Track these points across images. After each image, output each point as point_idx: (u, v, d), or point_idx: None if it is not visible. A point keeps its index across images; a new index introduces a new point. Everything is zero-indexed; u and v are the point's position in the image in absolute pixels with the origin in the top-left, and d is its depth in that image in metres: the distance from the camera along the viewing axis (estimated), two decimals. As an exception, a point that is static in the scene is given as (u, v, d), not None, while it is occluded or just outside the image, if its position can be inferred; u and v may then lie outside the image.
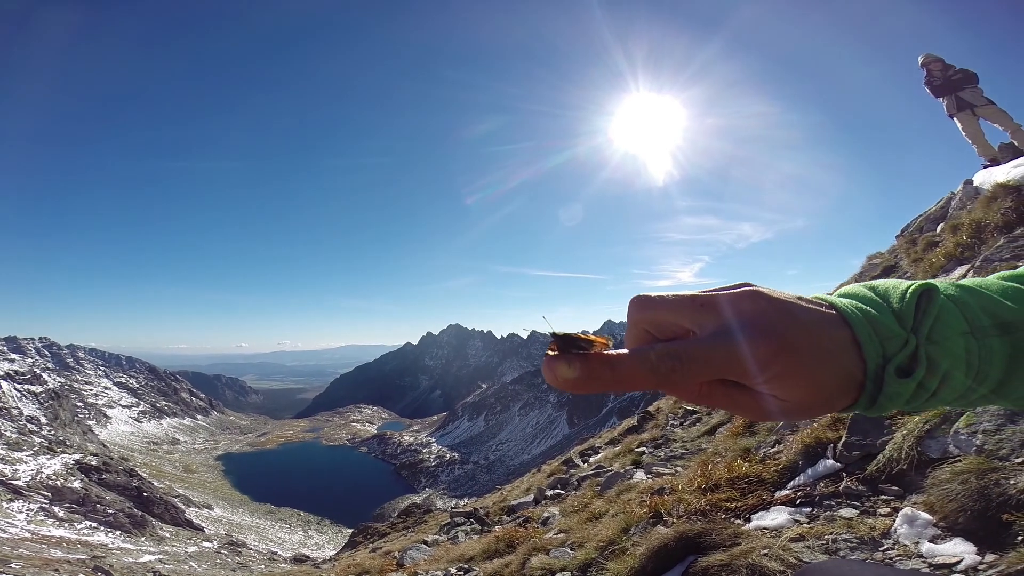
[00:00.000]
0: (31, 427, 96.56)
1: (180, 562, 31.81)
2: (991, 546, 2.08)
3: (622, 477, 5.80)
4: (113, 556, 30.61)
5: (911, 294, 0.53)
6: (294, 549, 63.97)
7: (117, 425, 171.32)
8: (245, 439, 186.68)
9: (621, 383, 0.51)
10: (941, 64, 8.04)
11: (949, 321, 0.52)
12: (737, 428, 5.22)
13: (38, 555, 24.87)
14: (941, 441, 2.72)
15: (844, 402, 0.52)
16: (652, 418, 9.93)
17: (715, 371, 0.51)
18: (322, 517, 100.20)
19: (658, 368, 0.51)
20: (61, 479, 50.73)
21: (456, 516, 8.59)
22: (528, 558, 4.11)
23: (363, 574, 6.66)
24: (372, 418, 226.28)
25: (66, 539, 35.36)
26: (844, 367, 0.52)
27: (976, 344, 0.52)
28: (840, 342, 0.52)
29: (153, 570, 25.36)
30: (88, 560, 25.02)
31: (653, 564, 2.83)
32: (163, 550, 39.31)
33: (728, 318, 0.52)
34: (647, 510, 3.65)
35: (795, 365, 0.51)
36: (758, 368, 0.51)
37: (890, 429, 3.14)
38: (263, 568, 30.06)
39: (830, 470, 3.18)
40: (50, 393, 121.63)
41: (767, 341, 0.51)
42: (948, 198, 8.04)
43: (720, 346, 0.51)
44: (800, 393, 0.51)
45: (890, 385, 0.52)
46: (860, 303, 0.53)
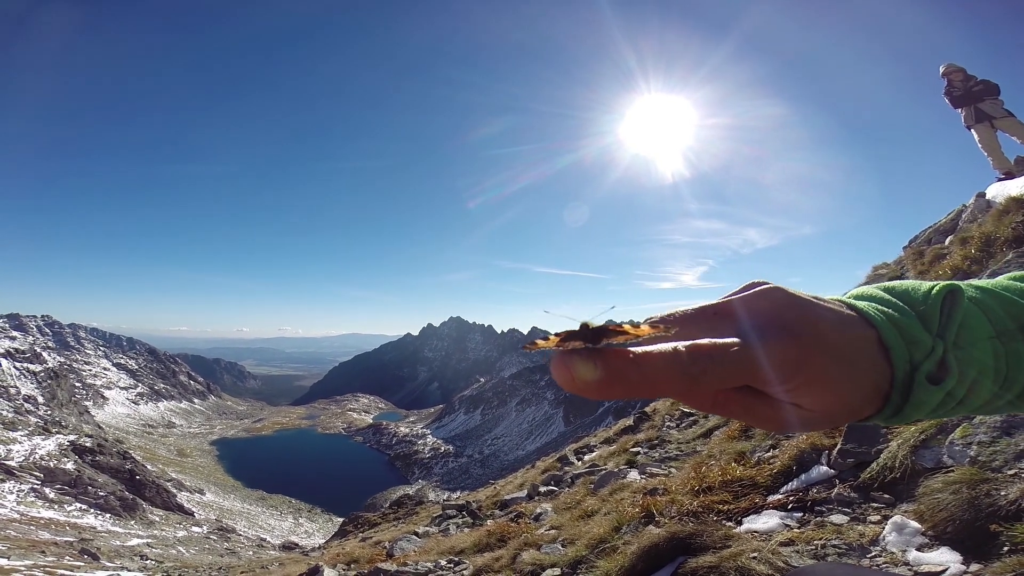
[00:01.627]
0: (28, 407, 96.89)
1: (168, 546, 31.93)
2: (977, 556, 2.10)
3: (616, 476, 5.81)
4: (101, 539, 30.72)
5: (935, 295, 0.49)
6: (284, 536, 64.12)
7: (114, 407, 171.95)
8: (241, 424, 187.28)
9: (647, 386, 0.45)
10: (963, 74, 7.92)
11: (975, 325, 0.49)
12: (733, 432, 5.23)
13: (25, 536, 24.93)
14: (936, 451, 2.74)
15: (868, 411, 0.47)
16: (648, 419, 9.95)
17: (746, 376, 0.46)
18: (313, 505, 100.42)
19: (690, 369, 0.45)
20: (54, 460, 50.77)
21: (448, 509, 8.63)
22: (519, 553, 4.13)
23: (352, 563, 6.68)
24: (369, 407, 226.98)
25: (55, 521, 35.43)
26: (871, 373, 0.47)
27: (1003, 349, 0.48)
28: (866, 345, 0.47)
29: (141, 554, 25.44)
30: (76, 542, 25.11)
31: (643, 564, 2.84)
32: (152, 534, 39.41)
33: (746, 320, 0.46)
34: (639, 510, 3.67)
35: (822, 368, 0.46)
36: (785, 373, 0.46)
37: (885, 438, 3.15)
38: (251, 555, 30.15)
39: (824, 476, 3.20)
40: (49, 373, 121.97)
41: (792, 340, 0.46)
42: (959, 210, 7.99)
43: (749, 348, 0.46)
44: (825, 402, 0.46)
45: (919, 394, 0.47)
46: (879, 305, 0.49)
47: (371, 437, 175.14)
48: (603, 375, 0.44)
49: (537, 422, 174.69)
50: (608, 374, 0.44)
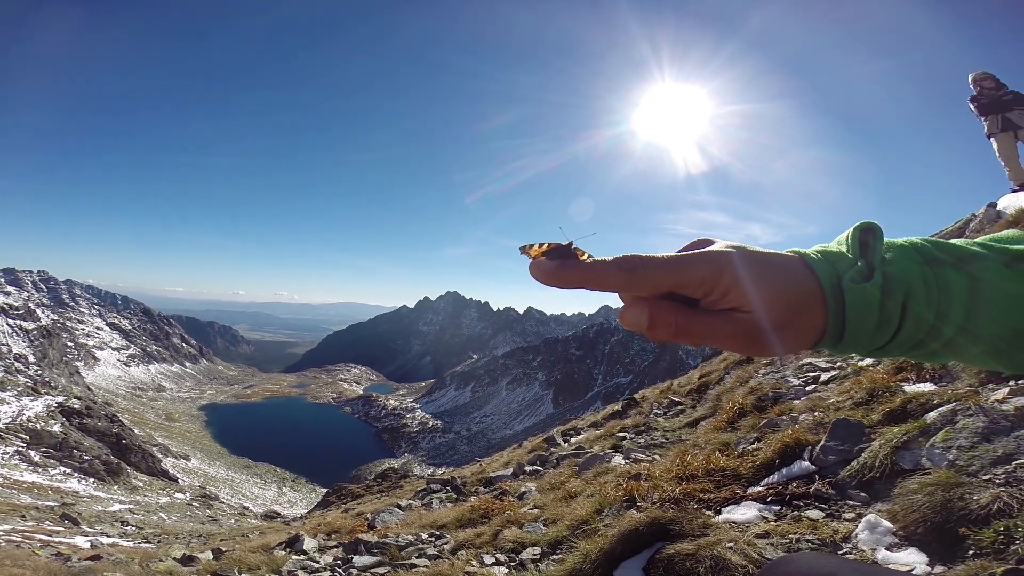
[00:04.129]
0: (18, 366, 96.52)
1: (150, 512, 32.08)
2: (943, 558, 2.14)
3: (601, 460, 5.89)
4: (83, 504, 30.79)
5: (853, 231, 0.55)
6: (266, 506, 64.60)
7: (105, 368, 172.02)
8: (231, 390, 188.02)
9: (593, 276, 0.52)
10: (993, 81, 7.66)
11: (901, 251, 0.53)
12: (719, 422, 5.30)
13: (7, 500, 25.03)
14: (916, 453, 2.78)
15: (811, 320, 0.52)
16: (637, 405, 10.05)
17: (673, 274, 0.52)
18: (298, 475, 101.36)
19: (624, 264, 0.51)
20: (41, 422, 50.54)
21: (433, 483, 8.73)
22: (501, 530, 4.20)
23: (333, 533, 6.76)
24: (360, 378, 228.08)
25: (38, 484, 35.42)
26: (795, 275, 0.52)
27: (932, 273, 0.52)
28: (789, 260, 0.54)
29: (122, 519, 25.60)
30: (57, 507, 25.21)
31: (622, 547, 2.90)
32: (134, 499, 39.54)
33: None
34: (622, 493, 3.72)
35: (748, 267, 0.52)
36: (711, 274, 0.51)
37: (869, 437, 3.20)
38: (232, 523, 30.45)
39: (804, 471, 3.25)
40: (42, 331, 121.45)
41: (716, 252, 0.52)
42: (968, 219, 7.87)
43: (676, 256, 0.53)
44: (759, 298, 0.51)
45: (850, 296, 0.51)
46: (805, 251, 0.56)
47: (360, 408, 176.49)
48: (559, 265, 0.52)
49: (527, 402, 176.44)
50: (563, 264, 0.52)
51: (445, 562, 3.82)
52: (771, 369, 7.14)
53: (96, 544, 13.46)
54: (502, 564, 3.60)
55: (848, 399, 4.10)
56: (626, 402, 10.77)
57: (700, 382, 9.02)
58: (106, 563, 6.45)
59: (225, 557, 5.91)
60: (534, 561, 3.52)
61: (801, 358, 6.51)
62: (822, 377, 5.41)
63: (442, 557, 4.07)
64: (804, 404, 4.64)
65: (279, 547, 5.95)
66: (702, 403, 7.64)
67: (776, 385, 5.76)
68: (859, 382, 4.25)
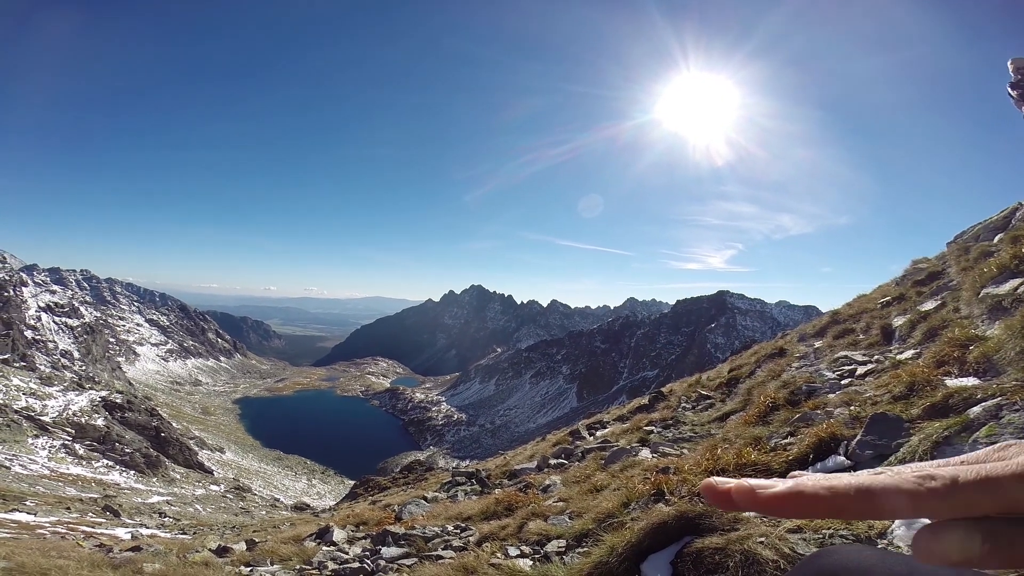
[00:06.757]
0: (64, 361, 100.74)
1: (186, 504, 33.24)
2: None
3: (627, 453, 5.83)
4: (124, 496, 32.05)
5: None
6: (296, 497, 66.06)
7: (144, 363, 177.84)
8: (264, 384, 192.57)
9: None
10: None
11: None
12: (750, 417, 5.19)
13: (52, 493, 26.19)
14: (958, 449, 2.66)
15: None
16: (664, 399, 9.93)
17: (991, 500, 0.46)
18: (327, 467, 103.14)
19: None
20: (86, 416, 52.60)
21: (458, 476, 8.78)
22: (526, 522, 4.19)
23: (361, 524, 6.87)
24: (387, 372, 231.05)
25: (82, 477, 36.93)
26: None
27: None
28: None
29: (160, 511, 26.62)
30: (100, 499, 26.29)
31: (650, 540, 2.85)
32: (172, 491, 40.96)
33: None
34: (650, 487, 3.67)
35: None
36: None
37: (908, 432, 3.08)
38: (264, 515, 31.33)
39: (839, 466, 3.15)
40: (85, 327, 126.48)
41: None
42: (1014, 208, 7.57)
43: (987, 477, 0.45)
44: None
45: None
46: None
47: (387, 401, 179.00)
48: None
49: (550, 396, 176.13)
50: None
51: (471, 554, 3.83)
52: (805, 363, 6.95)
53: (136, 535, 14.00)
54: (527, 556, 3.59)
55: (886, 393, 3.95)
56: (653, 396, 10.64)
57: (730, 376, 8.86)
58: (145, 554, 6.68)
59: (258, 548, 6.07)
60: (559, 554, 3.50)
61: (836, 351, 6.32)
62: (858, 371, 5.25)
63: (468, 549, 4.09)
64: (839, 398, 4.50)
65: (309, 538, 6.08)
66: (732, 397, 7.50)
67: (810, 379, 5.61)
68: (898, 376, 4.09)
